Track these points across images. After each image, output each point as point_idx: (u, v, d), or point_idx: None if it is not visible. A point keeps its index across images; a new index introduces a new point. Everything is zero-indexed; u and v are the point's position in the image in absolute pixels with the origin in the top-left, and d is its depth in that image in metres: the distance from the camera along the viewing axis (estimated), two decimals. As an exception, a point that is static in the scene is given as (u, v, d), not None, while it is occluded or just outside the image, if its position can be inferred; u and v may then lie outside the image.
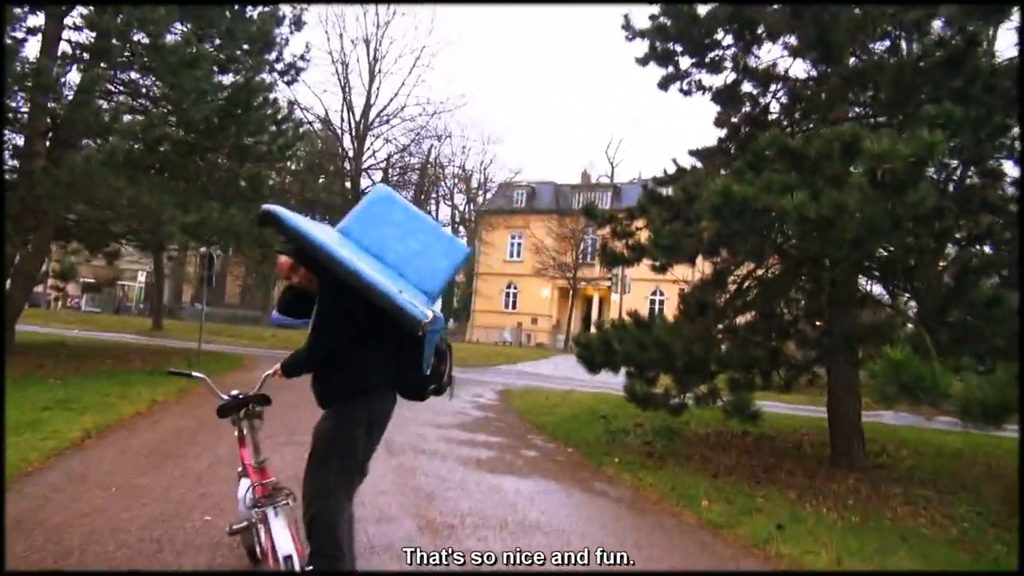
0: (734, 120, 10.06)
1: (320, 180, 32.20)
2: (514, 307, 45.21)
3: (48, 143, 12.87)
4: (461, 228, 50.22)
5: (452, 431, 9.50)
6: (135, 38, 11.98)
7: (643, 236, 9.49)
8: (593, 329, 26.41)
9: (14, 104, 11.37)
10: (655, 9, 9.88)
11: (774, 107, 10.06)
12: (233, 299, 49.53)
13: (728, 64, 9.98)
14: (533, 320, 44.00)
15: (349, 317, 3.20)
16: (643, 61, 10.28)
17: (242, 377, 12.96)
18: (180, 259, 31.77)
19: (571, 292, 41.79)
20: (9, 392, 9.72)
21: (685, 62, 10.28)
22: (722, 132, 10.20)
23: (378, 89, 31.79)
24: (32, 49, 17.38)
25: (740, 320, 9.45)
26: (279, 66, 17.75)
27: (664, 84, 10.39)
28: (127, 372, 13.06)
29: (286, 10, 17.01)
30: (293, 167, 27.73)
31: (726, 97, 10.10)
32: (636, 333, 8.54)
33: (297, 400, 4.47)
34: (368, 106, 31.54)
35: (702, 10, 9.56)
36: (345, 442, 3.30)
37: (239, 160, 14.97)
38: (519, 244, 45.46)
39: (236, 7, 14.93)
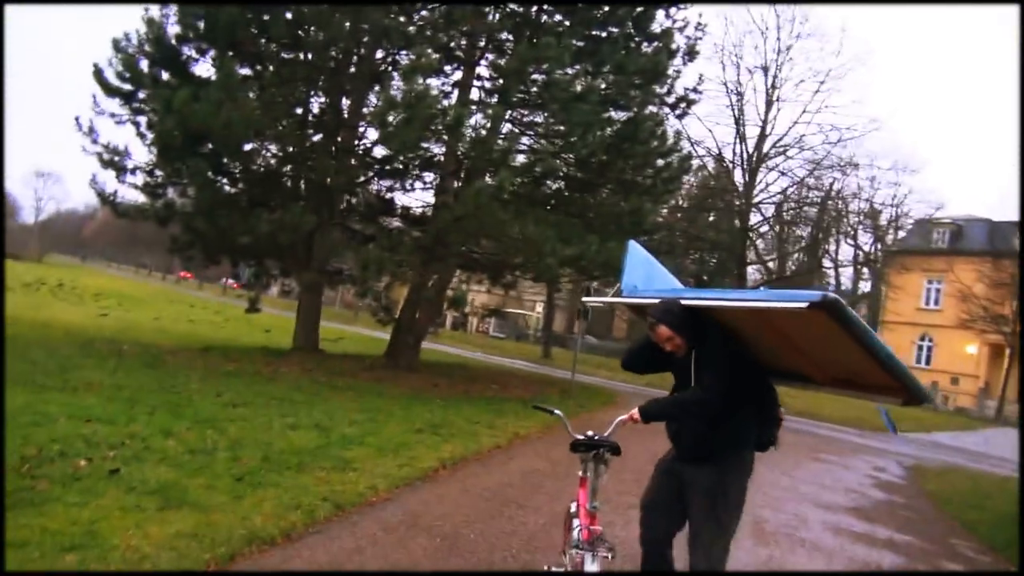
0: None
1: (709, 216, 31.13)
2: (928, 363, 38.72)
3: (457, 182, 14.07)
4: (864, 270, 44.76)
5: (842, 516, 7.59)
6: (531, 76, 12.41)
7: None
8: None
9: (427, 145, 12.54)
10: None
11: None
12: (620, 332, 50.97)
13: None
14: (953, 380, 37.01)
15: (740, 378, 3.34)
16: None
17: (610, 415, 12.46)
18: (575, 291, 33.30)
19: (1010, 351, 34.17)
20: (395, 409, 10.48)
21: None
22: None
23: (775, 118, 29.44)
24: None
25: None
26: (670, 99, 17.38)
27: None
28: (504, 399, 13.48)
29: (680, 41, 16.59)
30: (679, 202, 27.20)
31: None
32: None
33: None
34: (763, 137, 29.56)
35: None
36: (742, 496, 3.36)
37: (623, 194, 14.76)
38: (938, 290, 38.93)
39: (631, 43, 14.87)
